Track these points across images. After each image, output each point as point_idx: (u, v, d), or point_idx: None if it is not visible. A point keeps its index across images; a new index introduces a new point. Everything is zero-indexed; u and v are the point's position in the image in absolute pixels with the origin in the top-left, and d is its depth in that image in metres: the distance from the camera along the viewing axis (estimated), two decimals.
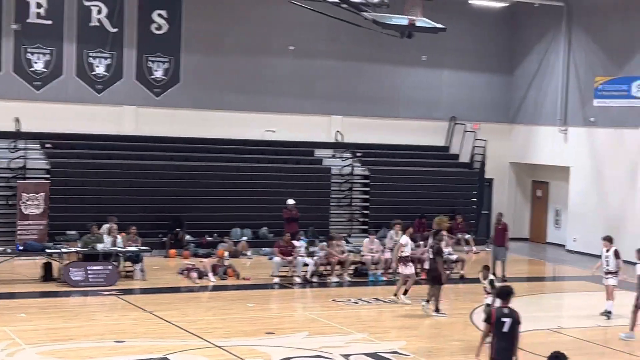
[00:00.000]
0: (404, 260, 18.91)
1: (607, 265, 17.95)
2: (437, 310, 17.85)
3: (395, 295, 18.87)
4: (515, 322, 11.02)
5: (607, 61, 27.35)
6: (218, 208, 25.54)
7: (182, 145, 26.45)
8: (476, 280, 21.67)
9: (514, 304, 11.24)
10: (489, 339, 11.16)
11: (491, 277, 16.60)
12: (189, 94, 26.73)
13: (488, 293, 15.95)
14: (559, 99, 28.89)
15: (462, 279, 22.10)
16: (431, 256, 18.27)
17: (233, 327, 16.29)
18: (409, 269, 18.86)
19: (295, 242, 21.51)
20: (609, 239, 18.25)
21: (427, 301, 17.98)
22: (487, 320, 11.20)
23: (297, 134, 27.95)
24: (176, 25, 26.41)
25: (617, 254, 17.86)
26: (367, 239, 22.62)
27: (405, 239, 19.15)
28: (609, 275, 17.90)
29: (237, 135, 27.14)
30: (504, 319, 11.00)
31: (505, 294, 11.33)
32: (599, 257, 18.61)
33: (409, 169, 28.52)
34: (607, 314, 17.92)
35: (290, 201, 24.38)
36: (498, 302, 11.51)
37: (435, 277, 18.04)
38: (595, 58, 27.79)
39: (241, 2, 26.86)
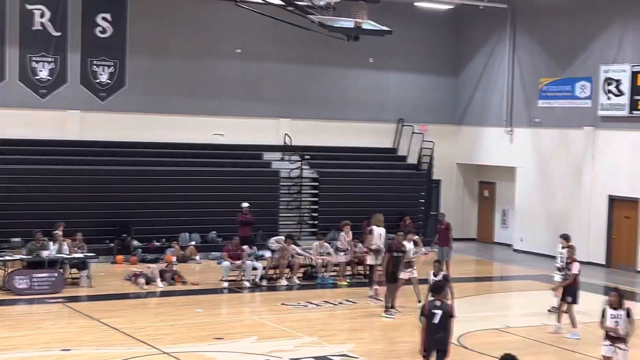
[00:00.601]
0: (405, 265, 18.75)
1: (561, 262, 18.18)
2: (392, 307, 17.97)
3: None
4: (446, 314, 11.74)
5: (551, 62, 27.74)
6: (166, 213, 25.32)
7: (129, 150, 26.20)
8: (426, 282, 21.87)
9: (464, 304, 11.39)
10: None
11: (444, 272, 16.70)
12: (135, 98, 26.47)
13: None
14: (505, 100, 29.23)
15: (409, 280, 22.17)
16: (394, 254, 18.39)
17: (181, 333, 16.16)
18: (407, 274, 18.72)
19: (246, 248, 21.40)
20: (565, 237, 18.49)
21: (391, 307, 18.06)
22: (422, 313, 12.00)
23: (245, 137, 27.85)
24: (121, 29, 26.14)
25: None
26: (316, 242, 22.60)
27: (407, 245, 18.87)
28: (560, 272, 18.13)
29: (184, 139, 26.96)
30: (435, 311, 11.80)
31: (437, 288, 12.42)
32: (545, 256, 18.85)
33: (357, 171, 28.60)
34: (555, 309, 18.12)
35: (245, 204, 24.30)
36: (431, 296, 12.41)
37: (392, 274, 18.19)
38: (539, 59, 28.16)
39: (187, 5, 26.69)
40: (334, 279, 21.91)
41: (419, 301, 18.45)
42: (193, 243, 25.12)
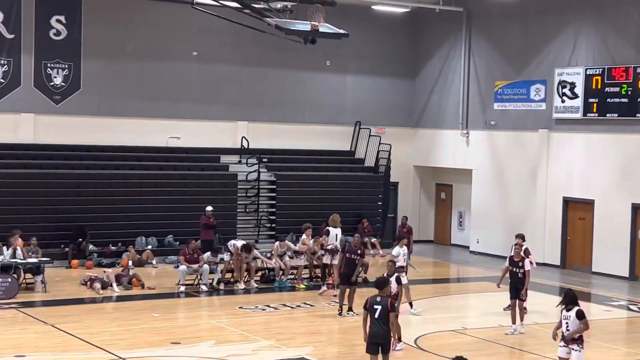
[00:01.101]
0: (400, 271, 18.44)
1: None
2: (350, 309, 18.01)
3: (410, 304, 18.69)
4: (386, 309, 12.31)
5: (506, 66, 28.01)
6: (122, 217, 25.11)
7: (84, 153, 25.93)
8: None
9: (422, 306, 11.43)
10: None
11: (398, 274, 16.67)
12: (90, 100, 26.20)
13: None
14: (461, 103, 29.44)
15: (366, 282, 22.23)
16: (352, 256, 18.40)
17: (138, 338, 16.02)
18: (403, 279, 18.58)
19: (206, 256, 21.20)
20: (521, 237, 18.66)
21: (349, 309, 18.08)
22: (364, 306, 12.53)
23: (202, 140, 27.73)
24: (76, 31, 25.85)
25: (526, 252, 18.26)
26: (276, 244, 22.54)
27: (397, 250, 18.68)
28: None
29: (140, 143, 26.76)
30: (375, 306, 12.37)
31: (380, 283, 12.85)
32: (502, 257, 19.01)
33: (315, 174, 28.63)
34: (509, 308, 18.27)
35: (209, 208, 24.25)
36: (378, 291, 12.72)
37: (347, 275, 18.24)
38: (494, 63, 28.42)
39: (143, 7, 26.48)
40: (292, 282, 21.88)
41: (411, 305, 18.48)
42: (149, 247, 24.93)
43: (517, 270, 17.30)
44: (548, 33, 26.43)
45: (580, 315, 12.18)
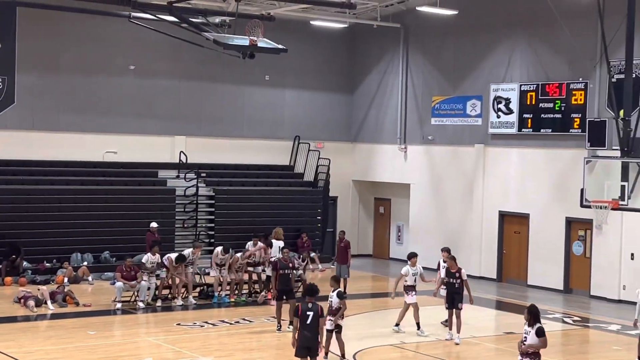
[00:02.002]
0: (407, 289, 18.46)
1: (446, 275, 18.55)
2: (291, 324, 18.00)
3: (397, 324, 18.52)
4: (317, 314, 12.99)
5: (442, 81, 28.34)
6: (57, 232, 24.68)
7: (19, 169, 25.46)
8: (321, 299, 21.94)
9: (361, 320, 11.46)
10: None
11: (339, 289, 16.68)
12: (24, 115, 25.75)
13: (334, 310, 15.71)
14: (399, 117, 29.69)
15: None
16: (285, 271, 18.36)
17: (73, 357, 15.74)
18: (411, 298, 18.39)
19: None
20: (447, 250, 18.90)
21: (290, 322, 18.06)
22: (295, 313, 13.09)
23: (140, 155, 27.45)
24: (10, 44, 25.39)
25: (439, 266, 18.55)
26: (217, 249, 22.30)
27: (405, 269, 18.57)
28: (444, 286, 18.50)
29: (76, 157, 26.40)
30: (308, 313, 12.99)
31: (310, 291, 13.42)
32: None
33: (254, 189, 28.55)
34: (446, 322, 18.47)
35: (154, 224, 24.12)
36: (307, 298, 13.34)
37: (285, 291, 18.22)
38: (431, 78, 28.74)
39: (79, 20, 26.13)
40: (230, 296, 21.73)
41: (418, 326, 18.32)
42: (85, 263, 24.56)
43: (454, 281, 17.74)
44: (483, 49, 26.83)
45: (540, 333, 12.32)
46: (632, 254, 22.75)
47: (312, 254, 27.59)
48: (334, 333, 15.35)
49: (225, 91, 29.16)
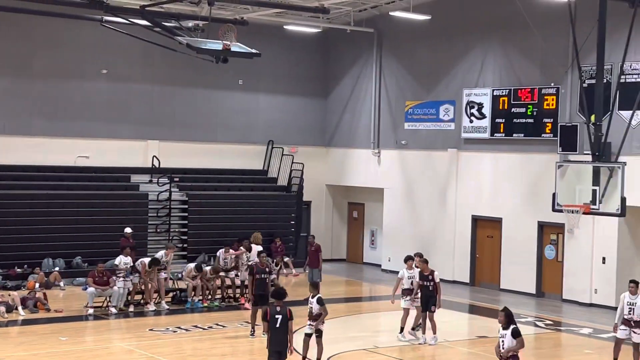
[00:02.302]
0: (403, 293, 18.29)
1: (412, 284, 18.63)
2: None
3: (413, 328, 18.35)
4: (286, 317, 13.19)
5: (416, 86, 28.44)
6: (28, 237, 24.45)
7: None
8: (293, 304, 21.91)
9: (335, 325, 11.45)
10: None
11: (319, 295, 16.58)
12: None
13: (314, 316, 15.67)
14: (372, 122, 29.74)
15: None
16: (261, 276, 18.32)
17: None
18: (404, 302, 18.23)
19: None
20: (420, 255, 18.92)
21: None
22: (264, 317, 13.37)
23: (112, 159, 27.31)
24: None
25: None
26: (192, 265, 22.27)
27: (401, 272, 18.42)
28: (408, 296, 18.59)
29: (48, 162, 26.20)
30: (277, 316, 13.22)
31: (278, 294, 13.61)
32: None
33: (227, 193, 28.47)
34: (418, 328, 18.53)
35: (128, 229, 24.06)
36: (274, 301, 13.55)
37: (261, 296, 18.20)
38: (405, 83, 28.83)
39: (51, 24, 25.91)
40: (202, 301, 21.65)
41: (423, 330, 18.19)
42: (57, 269, 24.36)
43: (427, 284, 17.86)
44: (456, 54, 26.95)
45: (516, 333, 12.37)
46: (604, 258, 22.93)
47: (286, 259, 27.57)
48: (313, 337, 15.33)
49: (199, 95, 29.08)
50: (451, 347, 17.87)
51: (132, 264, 21.16)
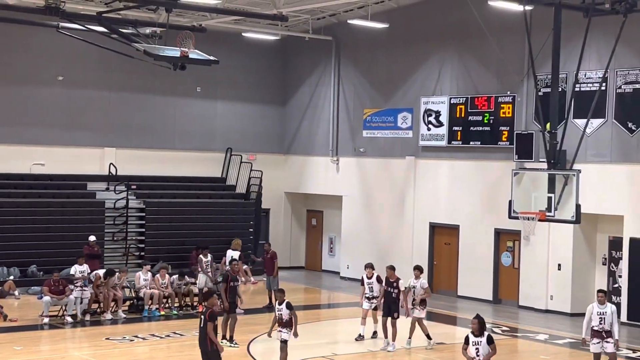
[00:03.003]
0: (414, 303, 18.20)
1: (369, 291, 18.72)
2: (231, 338, 17.88)
3: (429, 337, 18.42)
4: (205, 319, 13.57)
5: (374, 94, 28.55)
6: None
7: None
8: (253, 311, 21.90)
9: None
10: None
11: (288, 301, 16.44)
12: None
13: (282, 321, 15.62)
14: (331, 130, 29.80)
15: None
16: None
17: None
18: (417, 312, 18.21)
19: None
20: (370, 266, 19.03)
21: (229, 338, 17.87)
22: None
23: (68, 167, 27.04)
24: None
25: (379, 280, 18.68)
26: (140, 272, 22.11)
27: (407, 282, 18.39)
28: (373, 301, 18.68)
29: (2, 169, 25.89)
30: (201, 316, 13.80)
31: (205, 295, 14.47)
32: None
33: (185, 201, 28.32)
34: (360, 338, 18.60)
35: (92, 237, 23.90)
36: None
37: (230, 304, 18.17)
38: (363, 91, 28.93)
39: (6, 29, 25.56)
40: (159, 309, 21.50)
41: (429, 337, 18.33)
42: (12, 277, 24.02)
43: (392, 290, 18.15)
44: (414, 62, 27.12)
45: (491, 340, 12.48)
46: (559, 265, 23.19)
47: (245, 267, 27.41)
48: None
49: (156, 102, 28.92)
50: (409, 354, 17.93)
51: (89, 272, 20.96)
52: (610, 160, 22.17)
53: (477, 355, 12.46)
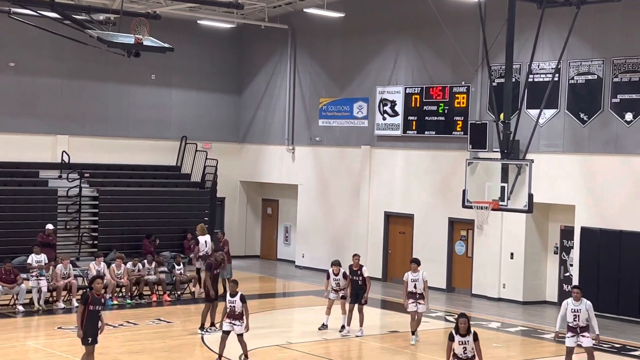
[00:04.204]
0: (407, 296, 17.68)
1: (336, 284, 18.68)
2: (212, 325, 18.07)
3: (413, 333, 17.85)
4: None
5: (330, 83, 28.57)
6: None
7: None
8: (205, 300, 21.78)
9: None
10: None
11: (241, 293, 16.32)
12: None
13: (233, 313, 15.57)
14: (287, 118, 29.76)
15: (194, 298, 22.12)
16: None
17: None
18: (411, 306, 17.67)
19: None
20: (337, 263, 18.99)
21: (212, 325, 17.84)
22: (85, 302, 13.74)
23: (19, 154, 26.68)
24: None
25: (345, 276, 18.70)
26: (93, 262, 21.91)
27: (405, 275, 17.83)
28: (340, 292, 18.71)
29: None
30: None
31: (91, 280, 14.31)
32: (326, 271, 19.27)
33: (139, 189, 28.10)
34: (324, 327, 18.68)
35: (49, 226, 23.74)
36: None
37: (206, 293, 18.22)
38: (319, 80, 28.93)
39: None
40: (112, 299, 21.35)
41: (413, 333, 17.83)
42: None
43: (357, 278, 18.38)
44: (370, 52, 27.17)
45: (476, 337, 12.56)
46: (512, 254, 23.45)
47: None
48: (230, 335, 15.27)
49: (110, 90, 28.63)
50: (363, 342, 18.02)
51: (46, 262, 20.76)
52: (563, 151, 22.46)
53: (465, 353, 12.53)
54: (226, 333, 15.34)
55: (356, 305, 18.43)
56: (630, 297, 20.86)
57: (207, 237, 22.49)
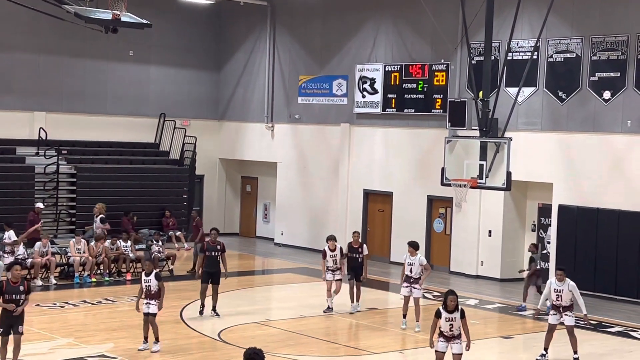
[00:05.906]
0: (404, 279, 17.42)
1: (333, 263, 18.59)
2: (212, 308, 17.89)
3: (404, 316, 17.49)
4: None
5: (309, 60, 28.47)
6: None
7: None
8: (186, 277, 21.87)
9: (226, 299, 11.32)
10: None
11: (156, 271, 15.97)
12: None
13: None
14: (266, 96, 29.67)
15: (172, 276, 22.11)
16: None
17: None
18: (403, 290, 17.37)
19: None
20: (332, 238, 18.75)
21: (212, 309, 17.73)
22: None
23: None
24: None
25: (342, 252, 18.68)
26: (73, 240, 21.84)
27: (403, 258, 17.61)
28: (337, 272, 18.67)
29: None
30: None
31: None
32: (305, 249, 19.34)
33: (118, 167, 27.97)
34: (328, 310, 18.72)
35: (40, 205, 23.77)
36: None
37: (212, 274, 17.88)
38: (298, 57, 28.83)
39: None
40: (90, 276, 21.30)
41: (404, 317, 17.48)
42: None
43: (357, 256, 18.54)
44: (349, 29, 27.09)
45: (463, 314, 12.63)
46: (490, 231, 23.58)
47: (178, 233, 27.36)
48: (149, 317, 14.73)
49: (88, 66, 28.40)
50: (341, 319, 18.09)
51: (15, 239, 20.71)
52: (541, 129, 22.54)
53: (451, 331, 12.58)
54: (147, 315, 14.83)
55: (355, 282, 18.65)
56: (606, 274, 21.04)
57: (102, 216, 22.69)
